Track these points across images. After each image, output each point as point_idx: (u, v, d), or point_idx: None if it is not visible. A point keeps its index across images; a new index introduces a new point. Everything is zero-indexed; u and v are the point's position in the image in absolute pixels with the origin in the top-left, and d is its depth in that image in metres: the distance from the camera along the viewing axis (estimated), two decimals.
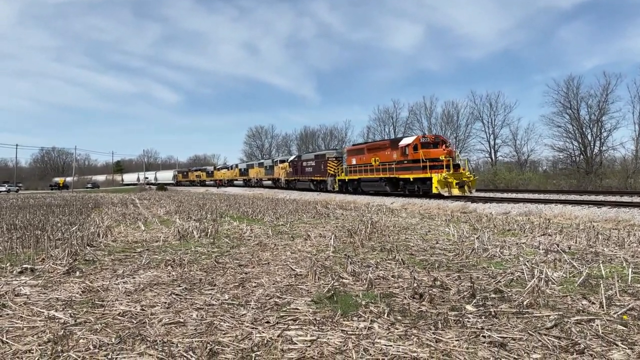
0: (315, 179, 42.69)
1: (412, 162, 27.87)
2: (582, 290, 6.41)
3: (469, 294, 6.16)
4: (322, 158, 41.39)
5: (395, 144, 30.47)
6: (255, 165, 65.76)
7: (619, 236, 11.00)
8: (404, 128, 73.80)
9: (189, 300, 6.21)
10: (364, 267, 8.09)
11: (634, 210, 16.07)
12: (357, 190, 35.38)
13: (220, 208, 23.93)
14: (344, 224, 15.59)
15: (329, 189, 39.43)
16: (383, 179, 31.28)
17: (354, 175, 35.58)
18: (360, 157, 35.10)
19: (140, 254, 10.10)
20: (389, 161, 30.60)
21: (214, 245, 11.24)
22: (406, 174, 28.53)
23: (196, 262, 9.00)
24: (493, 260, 8.67)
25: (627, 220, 15.18)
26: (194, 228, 13.60)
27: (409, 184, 28.77)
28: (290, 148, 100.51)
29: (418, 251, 9.92)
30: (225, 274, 7.86)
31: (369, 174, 33.09)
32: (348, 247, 10.59)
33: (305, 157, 46.43)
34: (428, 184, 26.63)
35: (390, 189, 30.86)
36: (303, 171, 45.23)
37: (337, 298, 6.17)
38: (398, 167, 29.41)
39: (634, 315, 5.24)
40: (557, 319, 5.15)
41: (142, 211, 23.42)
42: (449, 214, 19.96)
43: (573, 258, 8.51)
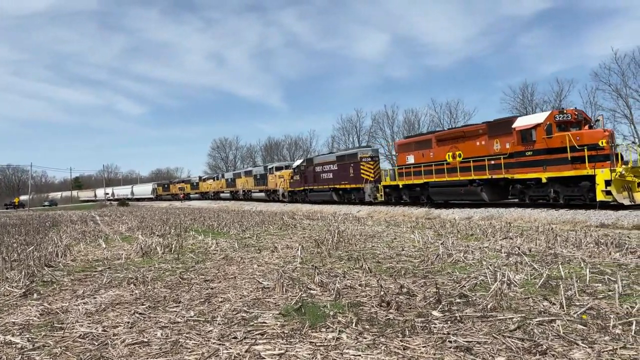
0: (340, 188, 32.75)
1: (545, 152, 18.40)
2: (543, 291, 6.58)
3: (435, 300, 6.24)
4: (350, 159, 31.41)
5: (502, 127, 20.56)
6: (242, 175, 55.75)
7: (576, 237, 11.37)
8: (368, 137, 74.61)
9: (153, 319, 6.06)
10: (332, 277, 8.08)
11: (590, 211, 16.67)
12: (421, 200, 25.77)
13: (184, 222, 23.54)
14: (311, 234, 15.58)
15: (368, 200, 29.50)
16: (475, 182, 21.63)
17: (415, 179, 25.52)
18: (423, 152, 25.34)
19: (101, 272, 9.81)
20: (486, 155, 21.14)
21: (179, 260, 11.03)
22: (531, 172, 18.97)
23: (160, 279, 8.80)
24: (457, 265, 8.81)
25: (584, 221, 15.72)
26: (157, 244, 13.32)
27: (537, 188, 19.24)
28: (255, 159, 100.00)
29: (384, 259, 9.99)
30: (190, 290, 7.72)
31: (444, 175, 23.49)
32: (315, 257, 10.57)
33: (320, 160, 36.54)
34: (584, 187, 17.36)
35: (489, 197, 21.32)
36: (318, 179, 35.46)
37: (305, 309, 6.14)
38: (510, 162, 19.79)
39: (593, 315, 5.41)
40: (520, 320, 5.27)
41: (103, 228, 22.80)
42: (414, 220, 20.24)
43: (534, 260, 8.74)
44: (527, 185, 19.68)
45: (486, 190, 21.34)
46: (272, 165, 45.93)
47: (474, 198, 22.12)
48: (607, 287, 6.58)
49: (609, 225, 14.74)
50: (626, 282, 6.78)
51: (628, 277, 7.20)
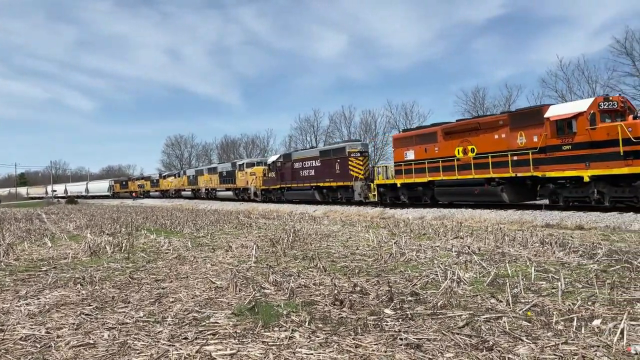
0: (324, 186, 29.87)
1: (588, 145, 15.86)
2: (490, 289, 6.78)
3: (387, 298, 6.33)
4: (337, 155, 28.58)
5: (529, 117, 17.94)
6: (205, 172, 51.76)
7: (523, 237, 11.79)
8: (325, 137, 74.91)
9: (100, 320, 5.87)
10: (286, 277, 8.06)
11: (536, 212, 17.34)
12: (423, 201, 23.28)
13: (136, 221, 22.93)
14: (267, 233, 15.50)
15: (358, 199, 27.10)
16: (494, 181, 19.08)
17: (417, 177, 22.80)
18: (426, 146, 22.57)
19: (46, 272, 9.41)
20: (507, 150, 18.57)
21: (129, 260, 10.73)
22: (569, 169, 16.37)
23: (108, 279, 8.54)
24: (410, 264, 8.97)
25: (530, 221, 16.34)
26: (107, 243, 12.91)
27: (575, 188, 16.76)
28: (211, 157, 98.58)
29: (339, 258, 10.06)
30: (140, 290, 7.52)
31: (454, 173, 20.78)
32: (270, 256, 10.52)
33: (300, 155, 33.46)
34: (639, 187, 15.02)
35: (511, 198, 18.83)
36: (297, 176, 32.60)
37: (259, 309, 6.09)
38: (541, 157, 17.22)
39: (537, 312, 5.62)
40: (468, 318, 5.42)
41: (49, 226, 21.91)
42: (369, 220, 20.48)
43: (482, 259, 9.01)
44: (562, 184, 17.24)
45: (507, 191, 18.76)
46: (243, 162, 42.46)
47: (492, 199, 19.54)
48: (551, 284, 6.85)
49: (554, 225, 15.37)
50: (568, 280, 7.08)
51: (570, 275, 7.52)
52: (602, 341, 4.50)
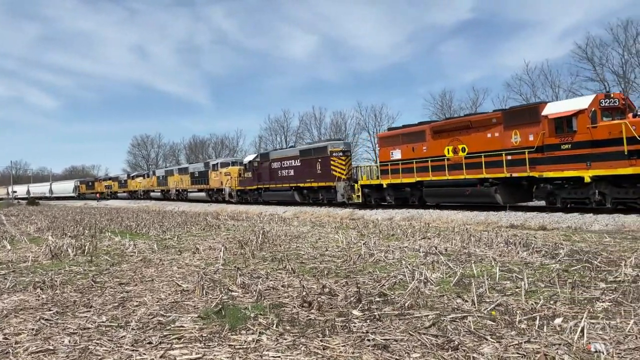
0: (304, 187, 28.93)
1: (589, 144, 15.31)
2: (456, 289, 6.88)
3: (356, 299, 6.34)
4: (318, 154, 27.62)
5: (525, 115, 17.46)
6: (175, 172, 50.13)
7: (488, 237, 12.01)
8: (295, 137, 74.84)
9: (61, 325, 5.69)
10: (254, 279, 7.99)
11: (501, 213, 17.71)
12: (410, 202, 22.67)
13: (100, 223, 22.39)
14: (235, 235, 15.36)
15: (341, 201, 26.05)
16: (488, 181, 18.50)
17: (404, 178, 22.10)
18: (414, 145, 21.91)
19: (4, 276, 9.08)
20: (501, 149, 18.02)
21: (92, 263, 10.45)
22: (569, 169, 15.79)
23: (70, 283, 8.29)
24: (378, 265, 9.02)
25: (495, 222, 16.68)
26: (69, 245, 12.54)
27: (574, 189, 16.26)
28: (179, 158, 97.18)
29: (308, 259, 10.04)
30: (103, 294, 7.32)
31: (444, 173, 20.20)
32: (239, 258, 10.42)
33: (278, 154, 32.43)
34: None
35: (505, 199, 18.21)
36: (275, 176, 31.54)
37: (226, 312, 6.01)
38: (539, 157, 16.71)
39: (502, 311, 5.73)
40: (434, 318, 5.47)
41: (9, 229, 21.18)
42: (339, 221, 20.53)
43: (449, 259, 9.13)
44: (560, 185, 16.70)
45: (501, 192, 18.17)
46: (216, 161, 40.98)
47: (484, 200, 18.82)
48: (515, 284, 6.99)
49: (518, 226, 15.73)
50: (531, 280, 7.24)
51: (533, 274, 7.70)
52: (564, 339, 4.61)
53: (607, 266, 8.06)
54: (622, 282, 6.89)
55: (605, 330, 4.83)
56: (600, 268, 7.93)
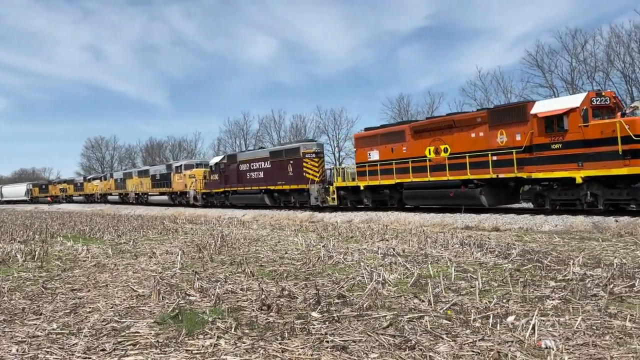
0: (275, 189, 28.05)
1: (581, 144, 14.85)
2: (414, 289, 7.00)
3: (315, 301, 6.35)
4: (290, 155, 26.84)
5: (512, 114, 16.96)
6: (134, 175, 47.63)
7: (444, 238, 12.29)
8: (255, 140, 74.39)
9: (8, 334, 5.45)
10: (213, 282, 7.89)
11: (457, 214, 18.14)
12: (389, 205, 22.04)
13: (51, 227, 21.56)
14: (193, 238, 15.11)
15: (315, 204, 24.99)
16: (473, 183, 17.90)
17: (383, 179, 21.41)
18: (393, 146, 21.20)
19: None
20: (486, 149, 17.42)
21: (42, 269, 10.05)
22: (560, 170, 15.31)
23: (19, 289, 7.95)
24: (337, 267, 9.07)
25: (451, 224, 17.07)
26: (18, 251, 12.04)
27: (564, 190, 15.91)
28: (135, 160, 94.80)
29: (267, 262, 9.99)
30: (54, 301, 7.06)
31: (425, 174, 19.55)
32: (197, 262, 10.26)
33: (247, 156, 31.41)
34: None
35: (490, 202, 17.78)
36: (243, 178, 30.52)
37: (183, 317, 5.91)
38: (527, 157, 16.16)
39: (457, 310, 5.86)
40: (392, 318, 5.55)
41: None
42: (299, 224, 20.52)
43: (407, 260, 9.28)
44: (549, 186, 16.32)
45: (487, 193, 17.57)
46: (180, 163, 39.11)
47: (469, 202, 18.26)
48: (470, 284, 7.18)
49: (473, 227, 16.16)
50: (485, 279, 7.45)
51: (487, 274, 7.92)
52: (516, 337, 4.77)
53: (556, 265, 8.38)
54: (570, 280, 7.18)
55: (555, 327, 5.02)
56: (550, 267, 8.23)
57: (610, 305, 5.77)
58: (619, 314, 5.37)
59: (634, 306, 5.70)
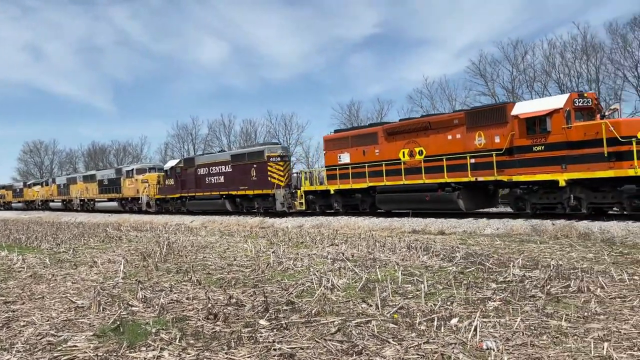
0: (238, 195, 26.67)
1: (565, 145, 14.43)
2: (362, 294, 7.06)
3: (263, 309, 6.28)
4: (253, 159, 25.64)
5: (491, 115, 16.49)
6: (79, 180, 44.76)
7: (392, 243, 12.49)
8: (204, 145, 73.16)
9: None
10: (157, 292, 7.67)
11: (404, 219, 18.47)
12: (361, 209, 21.33)
13: None
14: (138, 246, 14.65)
15: (281, 209, 23.98)
16: (450, 186, 17.39)
17: (354, 183, 20.80)
18: (365, 148, 20.65)
19: None
20: (463, 151, 17.01)
21: None
22: (543, 173, 14.90)
23: None
24: (287, 273, 9.03)
25: (399, 228, 17.37)
26: None
27: (546, 194, 15.40)
28: (77, 165, 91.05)
29: (215, 269, 9.82)
30: None
31: (400, 178, 18.94)
32: (141, 271, 9.95)
33: (206, 160, 29.82)
34: (626, 192, 13.63)
35: (468, 206, 17.30)
36: (202, 183, 29.16)
37: (124, 328, 5.70)
38: (508, 160, 15.70)
39: (403, 314, 5.96)
40: (340, 323, 5.57)
41: None
42: (248, 230, 20.32)
43: (355, 265, 9.36)
44: (530, 189, 15.79)
45: (464, 197, 17.07)
46: (131, 167, 36.88)
47: (446, 207, 17.74)
48: (416, 287, 7.31)
49: (420, 231, 16.52)
50: (431, 282, 7.61)
51: (432, 277, 8.10)
52: (459, 339, 4.89)
53: (497, 267, 8.68)
54: (510, 282, 7.45)
55: (496, 328, 5.19)
56: (491, 269, 8.52)
57: (547, 305, 6.03)
58: (555, 314, 5.61)
59: (569, 306, 5.98)
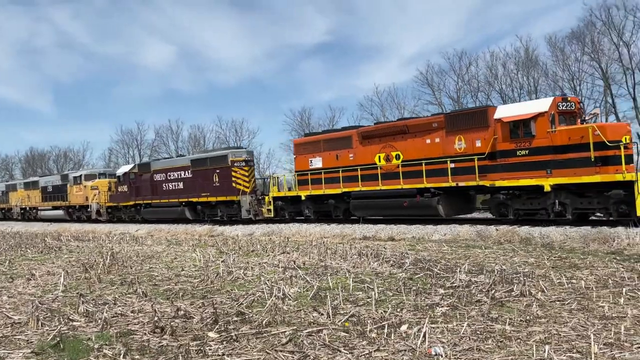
0: (199, 202, 25.53)
1: (550, 150, 14.23)
2: (313, 303, 7.04)
3: (212, 320, 6.15)
4: (215, 164, 24.57)
5: (472, 119, 16.25)
6: (19, 187, 42.01)
7: (343, 249, 12.56)
8: (150, 151, 71.27)
9: None
10: (100, 305, 7.36)
11: (355, 226, 18.66)
12: (334, 216, 20.55)
13: None
14: (79, 257, 14.04)
15: (247, 217, 22.87)
16: (429, 192, 16.95)
17: (327, 188, 20.07)
18: (338, 152, 20.05)
19: None
20: (443, 156, 16.63)
21: None
22: (527, 177, 14.58)
23: None
24: (237, 283, 8.89)
25: (350, 234, 17.52)
26: None
27: (529, 199, 15.14)
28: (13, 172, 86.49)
29: (162, 281, 9.54)
30: None
31: (376, 183, 18.46)
32: (82, 284, 9.53)
33: (164, 165, 28.60)
34: (613, 197, 13.44)
35: (447, 212, 16.99)
36: (158, 190, 27.80)
37: (65, 345, 5.42)
38: (491, 164, 15.39)
39: (354, 321, 5.98)
40: (291, 333, 5.52)
41: None
42: (197, 238, 19.91)
43: (307, 273, 9.34)
44: (513, 195, 15.44)
45: (444, 203, 16.69)
46: (80, 173, 35.00)
47: (425, 212, 17.39)
48: (367, 294, 7.37)
49: (370, 237, 16.71)
50: (381, 289, 7.69)
51: (383, 284, 8.20)
52: (409, 345, 4.95)
53: (445, 273, 8.89)
54: (457, 287, 7.64)
55: (444, 334, 5.29)
56: (439, 275, 8.71)
57: (492, 310, 6.22)
58: (500, 318, 5.79)
59: (512, 310, 6.19)
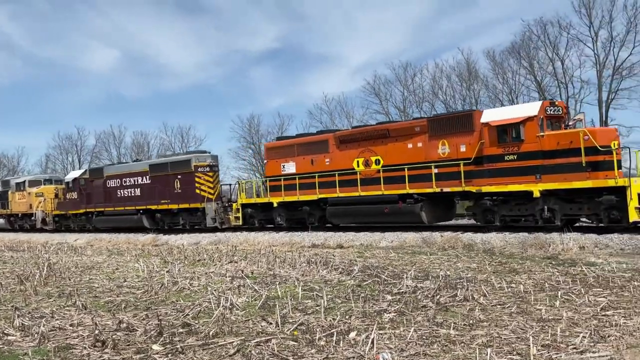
0: (159, 209, 24.17)
1: (540, 155, 13.87)
2: (262, 312, 6.97)
3: (157, 333, 5.96)
4: (177, 169, 23.31)
5: (457, 123, 15.79)
6: None
7: (292, 258, 12.53)
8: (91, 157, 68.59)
9: None
10: (36, 319, 6.98)
11: (304, 233, 18.65)
12: (308, 223, 19.56)
13: None
14: (14, 268, 13.31)
15: (212, 225, 21.70)
16: (413, 198, 16.32)
17: (302, 195, 19.18)
18: (313, 157, 19.24)
19: None
20: (426, 161, 16.17)
21: None
22: (516, 183, 14.22)
23: None
24: (182, 293, 8.68)
25: (299, 242, 17.50)
26: None
27: (518, 205, 14.67)
28: None
29: (103, 292, 9.19)
30: None
31: (355, 189, 17.69)
32: (17, 296, 9.03)
33: (118, 170, 26.97)
34: (604, 203, 12.99)
35: (430, 218, 16.41)
36: (112, 197, 26.28)
37: None
38: (477, 170, 14.98)
39: (303, 330, 5.96)
40: (239, 344, 5.44)
41: None
42: (140, 248, 19.32)
43: (255, 282, 9.24)
44: (500, 201, 15.02)
45: (427, 209, 16.18)
46: (23, 179, 32.95)
47: (407, 219, 16.80)
48: (315, 302, 7.37)
49: (319, 245, 16.76)
50: (330, 297, 7.72)
51: (332, 291, 8.23)
52: (357, 352, 4.98)
53: (392, 279, 9.04)
54: (404, 293, 7.78)
55: (392, 340, 5.37)
56: (387, 281, 8.85)
57: (437, 315, 6.37)
58: (445, 323, 5.94)
59: (456, 315, 6.36)
